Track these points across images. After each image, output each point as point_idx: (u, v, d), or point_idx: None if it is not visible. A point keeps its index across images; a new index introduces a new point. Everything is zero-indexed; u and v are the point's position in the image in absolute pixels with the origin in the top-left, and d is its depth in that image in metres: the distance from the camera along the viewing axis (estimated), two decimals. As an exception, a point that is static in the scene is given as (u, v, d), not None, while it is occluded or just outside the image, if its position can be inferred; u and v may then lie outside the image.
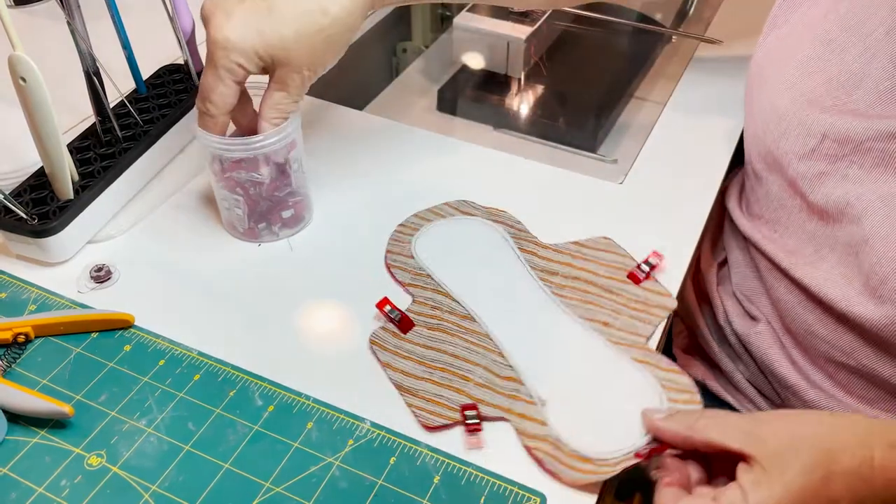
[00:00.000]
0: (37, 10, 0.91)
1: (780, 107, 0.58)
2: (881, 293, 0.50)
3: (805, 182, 0.56)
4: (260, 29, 0.52)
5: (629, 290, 0.56)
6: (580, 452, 0.47)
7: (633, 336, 0.53)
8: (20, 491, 0.46)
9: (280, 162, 0.58)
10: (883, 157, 0.51)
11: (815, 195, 0.56)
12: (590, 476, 0.46)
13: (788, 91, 0.58)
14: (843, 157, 0.54)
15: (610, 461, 0.46)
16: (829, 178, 0.55)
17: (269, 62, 0.53)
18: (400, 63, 1.07)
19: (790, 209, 0.59)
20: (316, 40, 0.53)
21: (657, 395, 0.50)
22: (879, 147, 0.51)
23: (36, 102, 0.52)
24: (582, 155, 0.80)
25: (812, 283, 0.56)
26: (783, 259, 0.59)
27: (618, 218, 0.63)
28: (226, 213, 0.61)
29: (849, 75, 0.54)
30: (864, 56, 0.54)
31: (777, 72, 0.60)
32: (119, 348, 0.53)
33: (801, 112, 0.56)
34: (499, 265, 0.59)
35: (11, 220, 0.57)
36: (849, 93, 0.54)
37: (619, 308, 0.55)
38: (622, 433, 0.48)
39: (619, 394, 0.50)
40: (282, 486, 0.46)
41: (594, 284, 0.57)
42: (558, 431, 0.48)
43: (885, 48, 0.52)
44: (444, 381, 0.51)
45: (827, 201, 0.55)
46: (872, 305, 0.51)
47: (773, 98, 0.59)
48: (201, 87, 0.54)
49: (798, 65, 0.58)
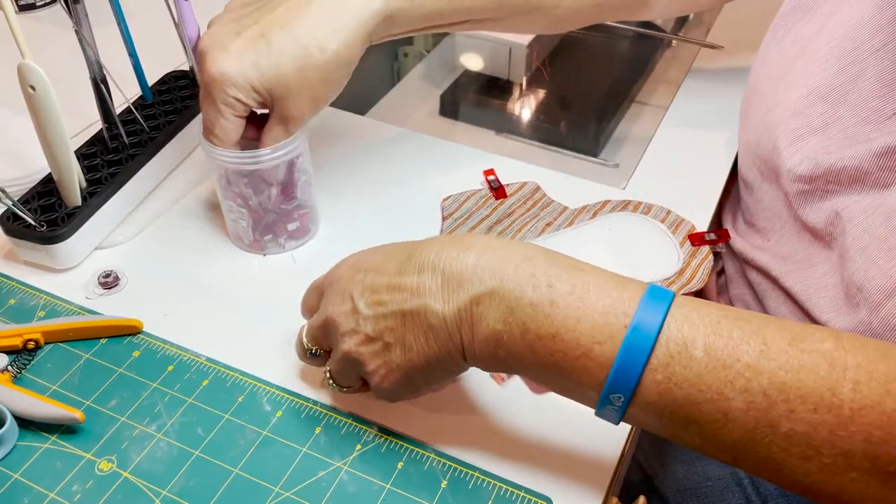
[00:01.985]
0: (40, 15, 0.91)
1: (770, 121, 0.58)
2: (857, 301, 0.50)
3: (794, 198, 0.57)
4: (257, 63, 0.52)
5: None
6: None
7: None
8: (32, 496, 0.46)
9: (284, 176, 0.58)
10: (865, 175, 0.51)
11: (803, 211, 0.56)
12: None
13: (779, 105, 0.58)
14: (820, 177, 0.54)
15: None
16: (813, 196, 0.55)
17: (266, 97, 0.53)
18: (401, 68, 1.08)
19: (784, 219, 0.59)
20: (314, 76, 0.53)
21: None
22: (863, 166, 0.51)
23: (45, 110, 0.53)
24: (584, 159, 0.80)
25: (802, 291, 0.56)
26: (774, 267, 0.59)
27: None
28: (231, 224, 0.62)
29: (831, 89, 0.54)
30: (849, 71, 0.54)
31: (770, 84, 0.60)
32: (128, 354, 0.54)
33: (788, 127, 0.56)
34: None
35: (20, 227, 0.57)
36: (834, 107, 0.54)
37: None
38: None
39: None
40: (291, 490, 0.46)
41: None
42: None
43: (873, 66, 0.52)
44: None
45: (816, 218, 0.55)
46: (850, 314, 0.52)
47: (764, 111, 0.60)
48: (203, 120, 0.55)
49: (788, 78, 0.58)
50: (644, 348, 0.38)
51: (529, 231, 0.61)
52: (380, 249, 0.47)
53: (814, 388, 0.36)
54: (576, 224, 0.62)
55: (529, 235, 0.61)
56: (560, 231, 0.61)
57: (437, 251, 0.43)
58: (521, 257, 0.42)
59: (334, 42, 0.53)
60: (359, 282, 0.45)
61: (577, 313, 0.39)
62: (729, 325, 0.38)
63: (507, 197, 0.65)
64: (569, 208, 0.64)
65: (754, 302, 0.64)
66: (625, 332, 0.38)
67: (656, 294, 0.40)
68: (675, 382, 0.38)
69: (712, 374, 0.37)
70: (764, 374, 0.37)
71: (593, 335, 0.39)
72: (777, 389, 0.36)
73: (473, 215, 0.63)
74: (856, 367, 0.36)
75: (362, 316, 0.44)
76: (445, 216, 0.63)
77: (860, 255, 0.50)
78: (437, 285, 0.42)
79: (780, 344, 0.37)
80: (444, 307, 0.42)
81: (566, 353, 0.40)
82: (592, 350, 0.39)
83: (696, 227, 0.62)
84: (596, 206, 0.64)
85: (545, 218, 0.63)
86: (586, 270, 0.41)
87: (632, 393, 0.39)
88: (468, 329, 0.42)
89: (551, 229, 0.62)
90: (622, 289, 0.40)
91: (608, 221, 0.62)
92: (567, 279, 0.40)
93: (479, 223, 0.62)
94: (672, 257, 0.59)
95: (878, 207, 0.50)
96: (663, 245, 0.60)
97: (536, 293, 0.40)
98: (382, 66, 1.06)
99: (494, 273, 0.41)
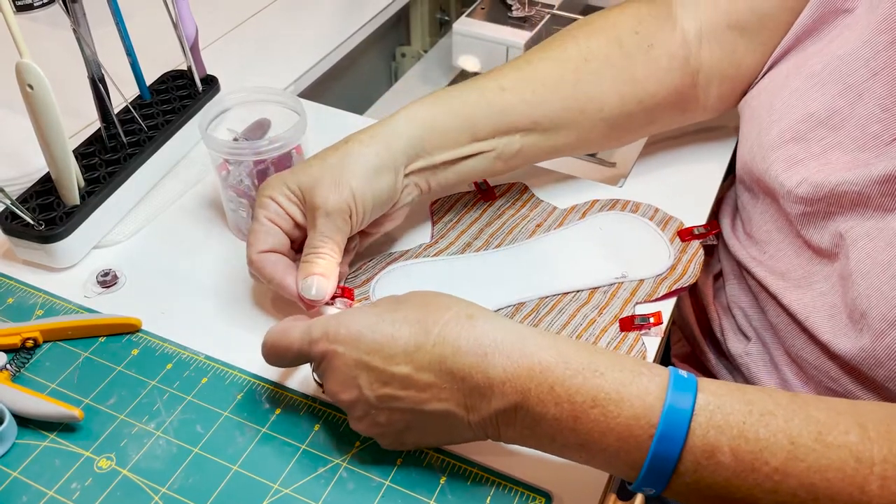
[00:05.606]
0: (38, 16, 0.91)
1: (765, 143, 0.58)
2: (861, 327, 0.50)
3: (796, 218, 0.56)
4: (294, 172, 0.53)
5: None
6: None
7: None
8: (31, 494, 0.46)
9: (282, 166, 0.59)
10: (867, 199, 0.51)
11: (805, 230, 0.56)
12: None
13: (774, 126, 0.58)
14: (822, 199, 0.53)
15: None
16: (817, 217, 0.55)
17: (298, 193, 0.53)
18: (399, 68, 1.08)
19: (785, 234, 0.59)
20: (344, 174, 0.53)
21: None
22: (864, 192, 0.51)
23: (43, 109, 0.53)
24: (581, 158, 0.80)
25: (800, 309, 0.55)
26: (772, 283, 0.59)
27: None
28: (231, 214, 0.62)
29: (830, 113, 0.54)
30: (848, 95, 0.53)
31: (766, 103, 0.60)
32: (127, 352, 0.54)
33: (787, 151, 0.56)
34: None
35: (18, 226, 0.57)
36: (833, 131, 0.54)
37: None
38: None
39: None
40: (290, 487, 0.46)
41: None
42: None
43: (872, 90, 0.52)
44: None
45: (821, 238, 0.54)
46: (854, 338, 0.51)
47: (758, 131, 0.59)
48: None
49: (783, 97, 0.58)
50: (671, 457, 0.39)
51: (520, 233, 0.62)
52: (380, 322, 0.44)
53: (842, 488, 0.37)
54: (566, 224, 0.62)
55: (521, 237, 0.61)
56: (551, 232, 0.62)
57: (453, 348, 0.42)
58: (539, 366, 0.41)
59: (386, 181, 0.54)
60: (363, 367, 0.43)
61: (602, 427, 0.40)
62: (754, 423, 0.38)
63: (495, 198, 0.65)
64: (558, 208, 0.64)
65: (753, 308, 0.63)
66: (650, 442, 0.39)
67: (679, 391, 0.39)
68: (704, 485, 0.39)
69: (740, 478, 0.38)
70: (792, 476, 0.37)
71: (619, 446, 0.40)
72: (806, 491, 0.37)
73: (463, 218, 0.63)
74: (882, 461, 0.37)
75: (373, 406, 0.44)
76: (436, 220, 0.63)
77: (863, 280, 0.50)
78: (458, 392, 0.42)
79: (807, 440, 0.38)
80: (469, 416, 0.43)
81: (594, 458, 0.41)
82: (619, 457, 0.40)
83: (684, 223, 0.62)
84: (585, 205, 0.64)
85: (535, 219, 0.63)
86: (605, 375, 0.41)
87: (662, 489, 0.40)
88: (494, 432, 0.43)
89: (542, 230, 0.62)
90: (644, 393, 0.40)
91: (598, 221, 0.63)
92: (587, 391, 0.40)
93: (469, 226, 0.62)
94: (663, 254, 0.60)
95: (882, 231, 0.50)
96: (654, 242, 0.61)
97: (558, 409, 0.40)
98: (380, 67, 1.06)
99: (516, 389, 0.41)
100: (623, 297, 0.57)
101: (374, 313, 0.45)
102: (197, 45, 0.69)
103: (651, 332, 0.54)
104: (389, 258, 0.60)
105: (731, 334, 0.66)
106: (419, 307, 0.44)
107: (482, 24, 0.87)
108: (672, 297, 0.57)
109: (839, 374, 0.53)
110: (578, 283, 0.57)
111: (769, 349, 0.61)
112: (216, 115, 0.61)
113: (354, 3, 0.93)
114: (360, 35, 0.90)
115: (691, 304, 0.73)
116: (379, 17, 0.93)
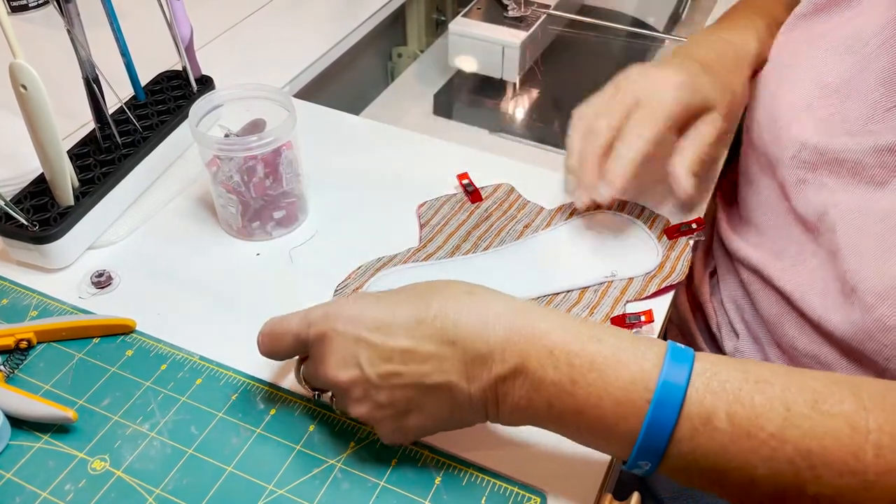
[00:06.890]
0: (33, 17, 0.91)
1: (777, 112, 0.59)
2: (852, 300, 0.51)
3: (790, 187, 0.57)
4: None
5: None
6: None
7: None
8: (24, 496, 0.46)
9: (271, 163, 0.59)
10: (863, 169, 0.52)
11: (797, 201, 0.57)
12: None
13: (787, 95, 0.59)
14: (821, 165, 0.54)
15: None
16: (809, 186, 0.55)
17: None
18: (395, 68, 1.08)
19: (779, 212, 0.60)
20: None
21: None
22: (862, 160, 0.52)
23: (37, 110, 0.53)
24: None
25: (794, 289, 0.56)
26: (768, 265, 0.59)
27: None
28: (221, 210, 0.62)
29: (841, 82, 0.55)
30: (857, 66, 0.54)
31: (775, 75, 0.61)
32: (121, 353, 0.54)
33: (794, 118, 0.57)
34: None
35: (12, 227, 0.57)
36: (842, 101, 0.55)
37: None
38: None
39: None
40: (285, 488, 0.46)
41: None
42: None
43: (876, 60, 0.53)
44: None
45: (807, 209, 0.56)
46: (845, 312, 0.52)
47: (773, 101, 0.60)
48: None
49: (796, 69, 0.59)
50: (668, 423, 0.38)
51: (508, 234, 0.61)
52: (379, 303, 0.44)
53: (838, 455, 0.37)
54: (554, 225, 0.62)
55: (508, 239, 0.61)
56: (539, 233, 0.62)
57: (453, 320, 0.42)
58: (539, 330, 0.41)
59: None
60: (364, 345, 0.43)
61: (599, 391, 0.40)
62: (750, 390, 0.38)
63: (482, 200, 0.64)
64: (545, 209, 0.64)
65: (746, 302, 0.64)
66: (647, 407, 0.39)
67: (676, 360, 0.40)
68: (700, 454, 0.39)
69: (737, 444, 0.38)
70: (789, 442, 0.37)
71: (616, 411, 0.40)
72: (802, 457, 0.37)
73: (451, 221, 0.63)
74: (878, 429, 0.37)
75: (373, 385, 0.43)
76: (423, 223, 0.63)
77: (852, 255, 0.51)
78: (459, 361, 0.42)
79: (803, 408, 0.38)
80: (470, 386, 0.42)
81: (591, 426, 0.41)
82: (617, 426, 0.40)
83: (670, 221, 0.62)
84: (571, 205, 0.64)
85: (523, 220, 0.63)
86: (603, 341, 0.41)
87: (658, 461, 0.40)
88: (493, 405, 0.43)
89: (530, 231, 0.62)
90: (641, 359, 0.40)
91: (585, 221, 0.63)
92: (586, 355, 0.40)
93: (457, 228, 0.62)
94: (651, 252, 0.60)
95: (872, 207, 0.51)
96: (641, 241, 0.61)
97: (557, 372, 0.40)
98: (377, 67, 1.06)
99: (515, 352, 0.41)
100: (613, 295, 0.57)
101: (372, 296, 0.45)
102: (192, 46, 0.69)
103: (643, 331, 0.54)
104: (378, 264, 0.60)
105: (726, 332, 0.66)
106: (418, 287, 0.45)
107: (478, 24, 0.86)
108: (662, 294, 0.57)
109: (832, 359, 0.54)
110: (568, 283, 0.57)
111: (761, 344, 0.62)
112: (207, 111, 0.61)
113: (350, 4, 0.93)
114: (357, 35, 0.90)
115: (688, 302, 0.73)
116: (375, 17, 0.93)
